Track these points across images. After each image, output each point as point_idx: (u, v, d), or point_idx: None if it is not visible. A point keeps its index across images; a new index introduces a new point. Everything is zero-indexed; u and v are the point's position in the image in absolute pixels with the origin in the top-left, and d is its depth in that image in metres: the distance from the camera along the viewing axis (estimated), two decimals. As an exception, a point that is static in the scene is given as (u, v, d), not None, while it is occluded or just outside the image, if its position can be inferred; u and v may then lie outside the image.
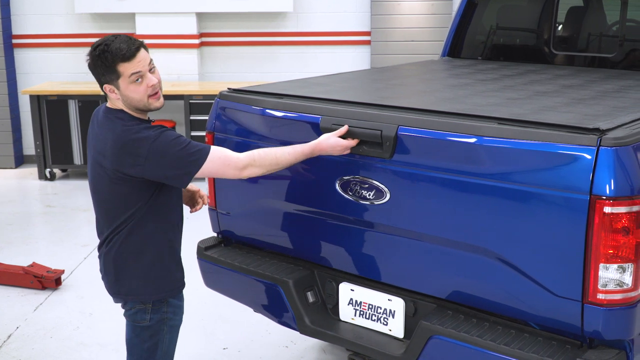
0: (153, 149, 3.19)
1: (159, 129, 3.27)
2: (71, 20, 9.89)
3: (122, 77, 3.23)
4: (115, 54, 3.19)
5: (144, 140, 3.19)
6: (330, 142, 3.44)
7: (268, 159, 3.36)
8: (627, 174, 2.89)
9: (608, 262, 2.95)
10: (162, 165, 3.21)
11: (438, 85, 4.42)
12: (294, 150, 3.43)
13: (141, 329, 3.47)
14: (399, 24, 9.65)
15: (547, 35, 5.57)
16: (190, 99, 8.91)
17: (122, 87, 3.25)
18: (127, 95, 3.27)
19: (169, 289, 3.48)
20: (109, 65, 3.21)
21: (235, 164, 3.30)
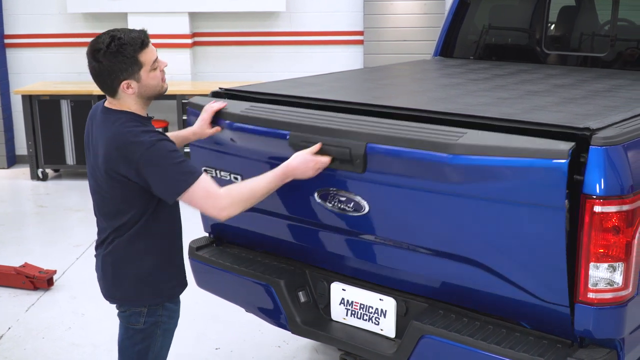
0: (146, 156, 3.11)
1: (156, 136, 3.17)
2: (63, 20, 9.87)
3: (144, 66, 3.19)
4: (134, 44, 3.14)
5: (139, 145, 3.11)
6: (300, 163, 3.29)
7: (245, 196, 3.20)
8: (617, 173, 2.89)
9: (598, 261, 2.95)
10: (151, 173, 3.12)
11: (429, 85, 4.42)
12: (267, 180, 3.27)
13: (134, 332, 3.43)
14: (392, 23, 9.65)
15: (539, 35, 5.58)
16: (183, 98, 8.90)
17: (143, 77, 3.20)
18: (148, 84, 3.23)
19: (166, 295, 3.44)
20: (131, 57, 3.14)
21: (215, 203, 3.15)
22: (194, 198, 3.13)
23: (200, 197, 3.13)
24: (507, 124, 3.18)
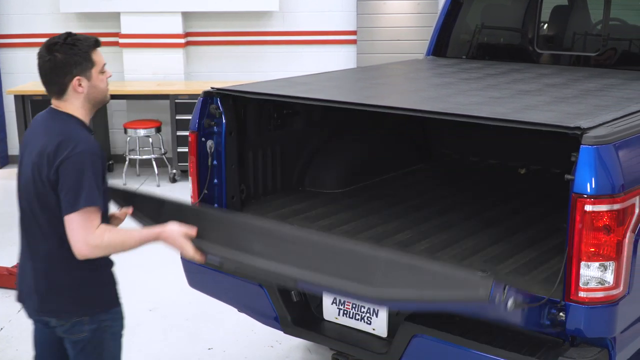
0: (72, 156, 3.05)
1: (94, 146, 3.14)
2: (56, 20, 9.83)
3: (96, 66, 3.18)
4: (88, 41, 3.18)
5: (75, 146, 3.06)
6: (171, 240, 3.21)
7: (113, 245, 3.12)
8: (608, 172, 2.90)
9: (589, 260, 2.95)
10: (65, 178, 3.05)
11: (422, 84, 4.43)
12: (144, 233, 3.21)
13: (83, 344, 3.29)
14: (385, 23, 9.65)
15: (531, 35, 5.59)
16: (176, 98, 8.88)
17: (93, 76, 3.18)
18: (96, 86, 3.20)
19: (105, 301, 3.31)
20: (85, 52, 3.15)
21: (88, 238, 3.06)
22: (74, 221, 3.05)
23: (78, 223, 3.05)
24: (499, 124, 3.19)
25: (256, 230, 3.26)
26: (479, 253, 3.73)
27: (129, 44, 9.56)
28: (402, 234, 4.00)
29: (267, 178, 4.56)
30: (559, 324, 3.05)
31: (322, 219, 4.23)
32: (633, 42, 5.31)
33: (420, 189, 4.92)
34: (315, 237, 3.14)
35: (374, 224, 4.15)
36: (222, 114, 4.12)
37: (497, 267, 3.54)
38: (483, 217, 4.29)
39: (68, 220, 3.07)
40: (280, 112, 4.55)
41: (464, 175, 5.38)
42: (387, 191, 4.85)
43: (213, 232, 3.28)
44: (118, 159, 9.82)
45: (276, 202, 4.47)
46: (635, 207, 2.99)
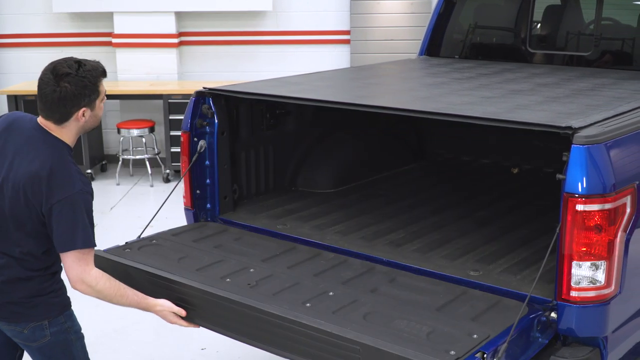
0: (70, 200, 3.06)
1: (86, 187, 3.13)
2: (49, 20, 9.81)
3: (100, 95, 3.19)
4: (96, 71, 3.15)
5: (70, 185, 3.06)
6: (162, 315, 3.36)
7: (107, 292, 3.19)
8: (599, 172, 2.90)
9: (581, 259, 2.96)
10: (60, 217, 3.06)
11: (414, 84, 4.43)
12: (137, 299, 3.30)
13: (48, 348, 3.28)
14: (378, 23, 9.65)
15: (524, 34, 5.59)
16: (169, 98, 8.87)
17: (96, 106, 3.19)
18: (97, 115, 3.22)
19: (61, 304, 3.30)
20: (94, 84, 3.14)
21: (84, 276, 3.12)
22: (74, 258, 3.10)
23: (77, 261, 3.10)
24: (490, 123, 3.19)
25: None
26: (471, 252, 3.73)
27: (122, 43, 9.54)
28: (395, 234, 4.00)
29: (260, 178, 4.56)
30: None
31: (315, 219, 4.23)
32: (625, 42, 5.32)
33: (413, 189, 4.92)
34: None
35: (366, 224, 4.15)
36: (215, 114, 4.11)
37: (489, 266, 3.54)
38: (475, 217, 4.30)
39: (64, 257, 3.12)
40: (272, 112, 4.54)
41: (456, 174, 5.38)
42: (379, 191, 4.85)
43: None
44: (111, 159, 9.80)
45: (269, 202, 4.47)
46: (626, 207, 2.99)
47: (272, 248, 3.78)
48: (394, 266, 3.58)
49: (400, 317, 2.99)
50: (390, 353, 2.69)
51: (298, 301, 3.16)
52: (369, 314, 3.03)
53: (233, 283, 3.36)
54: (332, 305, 3.12)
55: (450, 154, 5.77)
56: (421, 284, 3.35)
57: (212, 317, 3.30)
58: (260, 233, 4.04)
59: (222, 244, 3.83)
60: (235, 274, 3.45)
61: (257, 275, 3.44)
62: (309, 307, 3.11)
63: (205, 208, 4.24)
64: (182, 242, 3.85)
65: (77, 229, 3.08)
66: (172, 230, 4.04)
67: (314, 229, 4.08)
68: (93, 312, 4.16)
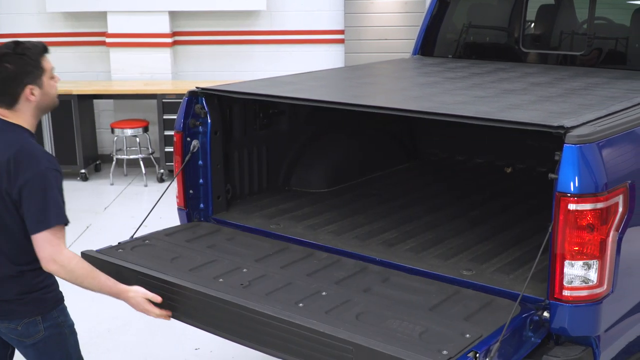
0: (37, 178, 3.08)
1: (54, 163, 3.16)
2: (43, 20, 9.80)
3: (46, 72, 3.21)
4: (36, 47, 3.17)
5: (35, 164, 3.09)
6: (135, 302, 3.32)
7: (80, 273, 3.17)
8: (592, 171, 2.90)
9: (573, 259, 2.96)
10: (30, 197, 3.08)
11: (407, 84, 4.43)
12: (109, 283, 3.27)
13: (43, 343, 3.30)
14: (373, 22, 9.65)
15: (517, 34, 5.59)
16: (163, 98, 8.87)
17: (45, 83, 3.20)
18: (48, 92, 3.22)
19: (53, 300, 3.34)
20: (36, 60, 3.16)
21: (56, 255, 3.10)
22: (46, 238, 3.09)
23: (48, 239, 3.09)
24: (483, 123, 3.19)
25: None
26: (465, 252, 3.73)
27: (116, 43, 9.53)
28: (388, 233, 4.00)
29: (253, 178, 4.56)
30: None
31: (308, 219, 4.23)
32: (618, 41, 5.32)
33: (407, 188, 4.92)
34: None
35: (360, 224, 4.15)
36: (208, 114, 4.11)
37: (482, 265, 3.54)
38: (469, 216, 4.30)
39: (36, 238, 3.11)
40: (266, 112, 4.54)
41: (450, 174, 5.39)
42: (373, 190, 4.85)
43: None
44: (105, 159, 9.79)
45: (262, 202, 4.46)
46: (618, 206, 3.00)
47: (265, 248, 3.78)
48: (387, 266, 3.58)
49: (393, 317, 2.99)
50: (382, 353, 2.69)
51: (291, 301, 3.15)
52: (361, 314, 3.03)
53: (226, 283, 3.35)
54: (325, 305, 3.12)
55: (444, 153, 5.77)
56: (414, 284, 3.35)
57: (205, 317, 3.30)
58: (253, 233, 4.04)
59: (215, 244, 3.83)
60: (228, 274, 3.45)
61: (250, 275, 3.43)
62: (301, 307, 3.10)
63: (199, 208, 4.23)
64: (175, 242, 3.84)
65: (48, 207, 3.08)
66: (165, 230, 4.03)
67: (307, 228, 4.08)
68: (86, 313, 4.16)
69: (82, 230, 7.30)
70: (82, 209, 8.00)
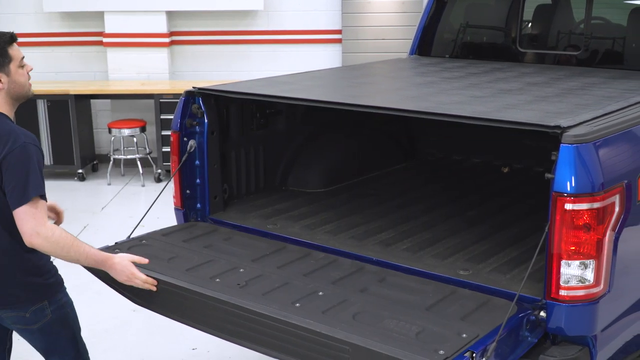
0: (16, 152, 3.13)
1: (31, 138, 3.21)
2: (40, 20, 9.78)
3: (13, 60, 3.26)
4: (3, 37, 3.25)
5: (13, 140, 3.15)
6: (119, 268, 3.32)
7: (62, 245, 3.17)
8: (588, 171, 2.90)
9: (570, 258, 2.96)
10: (9, 171, 3.12)
11: (403, 84, 4.44)
12: (93, 251, 3.30)
13: (49, 326, 3.39)
14: (370, 22, 9.65)
15: (514, 34, 5.60)
16: (161, 98, 8.85)
17: (12, 71, 3.25)
18: (17, 80, 3.27)
19: (58, 282, 3.44)
20: (2, 48, 3.23)
21: (39, 228, 3.10)
22: (24, 211, 3.09)
23: (29, 213, 3.09)
24: (479, 122, 3.20)
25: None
26: (461, 252, 3.73)
27: (113, 43, 9.52)
28: (385, 233, 4.00)
29: (250, 177, 4.56)
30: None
31: (305, 219, 4.23)
32: (615, 41, 5.33)
33: (404, 188, 4.93)
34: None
35: (356, 223, 4.16)
36: (204, 114, 4.11)
37: (478, 265, 3.55)
38: (466, 216, 4.30)
39: (18, 212, 3.12)
40: (262, 112, 4.54)
41: (447, 173, 5.39)
42: (370, 190, 4.85)
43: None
44: (102, 158, 9.77)
45: (259, 202, 4.47)
46: (615, 206, 3.00)
47: (262, 248, 3.78)
48: (383, 266, 3.58)
49: (390, 317, 2.99)
50: (379, 353, 2.69)
51: (288, 301, 3.15)
52: (358, 314, 3.03)
53: (223, 283, 3.36)
54: (321, 305, 3.12)
55: (442, 153, 5.77)
56: (411, 284, 3.36)
57: (202, 317, 3.30)
58: (250, 233, 4.04)
59: (212, 244, 3.83)
60: (225, 274, 3.45)
61: (247, 275, 3.44)
62: (298, 307, 3.11)
63: (196, 208, 4.23)
64: (172, 242, 3.84)
65: (28, 180, 3.11)
66: (162, 230, 4.04)
67: (304, 228, 4.08)
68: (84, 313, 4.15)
69: (80, 230, 7.29)
70: (80, 209, 7.99)
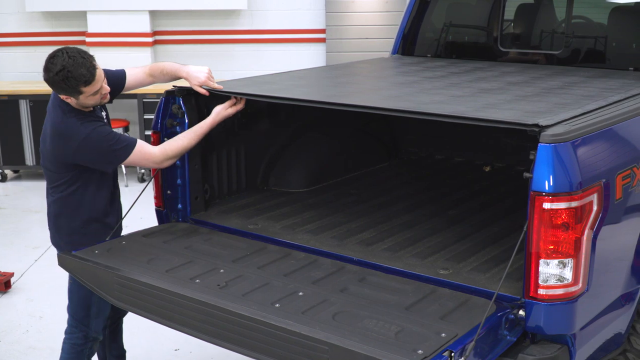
0: (82, 145, 3.66)
1: (92, 126, 3.69)
2: (22, 19, 9.74)
3: (85, 94, 3.64)
4: (78, 79, 3.56)
5: (75, 136, 3.67)
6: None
7: (179, 149, 3.88)
8: (566, 170, 2.91)
9: (548, 257, 2.97)
10: (90, 157, 3.72)
11: (385, 83, 4.43)
12: (195, 132, 3.94)
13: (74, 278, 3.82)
14: (354, 21, 9.66)
15: (496, 33, 5.61)
16: (144, 97, 8.83)
17: (81, 99, 3.66)
18: (84, 103, 3.69)
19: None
20: (73, 88, 3.58)
21: (153, 159, 3.83)
22: (135, 161, 3.80)
23: (139, 159, 3.80)
24: (458, 121, 3.20)
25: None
26: (442, 251, 3.74)
27: (96, 43, 9.48)
28: (366, 233, 4.00)
29: (232, 178, 4.54)
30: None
31: (286, 219, 4.22)
32: (596, 40, 5.35)
33: (386, 187, 4.93)
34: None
35: (338, 223, 4.15)
36: (185, 114, 4.10)
37: (458, 265, 3.55)
38: (447, 215, 4.31)
39: (130, 163, 3.87)
40: (244, 112, 4.50)
41: (430, 172, 5.40)
42: (352, 189, 4.85)
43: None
44: (86, 159, 9.72)
45: (241, 202, 4.46)
46: (593, 204, 3.01)
47: (242, 248, 3.77)
48: (364, 265, 3.58)
49: (369, 317, 2.99)
50: (358, 353, 2.69)
51: (267, 302, 3.15)
52: (338, 314, 3.03)
53: (202, 284, 3.34)
54: (301, 305, 3.11)
55: (424, 152, 5.78)
56: (391, 283, 3.35)
57: (182, 318, 3.29)
58: (231, 233, 4.03)
59: (192, 245, 3.82)
60: (205, 275, 3.44)
61: (227, 276, 3.43)
62: (278, 307, 3.10)
63: (177, 208, 4.22)
64: (152, 243, 3.83)
65: (110, 154, 3.76)
66: (142, 231, 4.02)
67: (285, 228, 4.08)
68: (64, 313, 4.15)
69: (62, 231, 7.25)
70: (62, 210, 7.94)
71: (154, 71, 4.14)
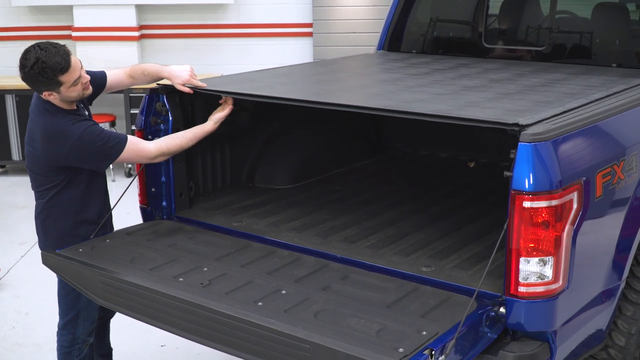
0: (75, 145, 3.62)
1: (84, 125, 3.66)
2: (8, 14, 9.69)
3: (65, 84, 3.59)
4: (55, 68, 3.52)
5: (68, 136, 3.63)
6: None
7: (175, 147, 3.87)
8: (546, 169, 2.94)
9: (529, 255, 2.99)
10: (83, 157, 3.69)
11: (368, 81, 4.44)
12: (194, 134, 3.94)
13: (64, 281, 3.79)
14: (341, 15, 9.66)
15: (481, 28, 5.62)
16: (130, 92, 8.81)
17: (62, 91, 3.62)
18: (67, 96, 3.65)
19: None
20: (51, 78, 3.54)
21: (147, 155, 3.80)
22: (128, 158, 3.79)
23: (133, 156, 3.79)
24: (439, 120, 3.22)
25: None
26: (425, 248, 3.76)
27: (82, 37, 9.45)
28: (350, 230, 4.02)
29: (217, 175, 4.55)
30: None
31: (271, 216, 4.23)
32: (580, 36, 5.36)
33: (371, 184, 4.94)
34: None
35: (322, 220, 4.17)
36: (169, 112, 4.10)
37: (441, 262, 3.57)
38: (431, 212, 4.33)
39: (123, 160, 3.87)
40: (228, 109, 4.53)
41: (414, 169, 5.41)
42: (337, 186, 4.86)
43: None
44: (73, 153, 9.70)
45: (225, 199, 4.46)
46: (573, 203, 3.04)
47: (226, 246, 3.78)
48: (347, 263, 3.59)
49: (351, 315, 3.01)
50: (339, 352, 2.71)
51: (250, 300, 3.16)
52: (320, 312, 3.05)
53: (186, 282, 3.36)
54: (284, 303, 3.13)
55: (409, 148, 5.80)
56: (373, 281, 3.37)
57: (165, 317, 3.30)
58: (216, 231, 4.04)
59: (176, 243, 3.82)
60: (188, 273, 3.44)
61: (211, 274, 3.43)
62: (260, 306, 3.11)
63: (161, 206, 4.22)
64: (136, 242, 3.84)
65: (103, 152, 3.71)
66: (126, 229, 4.02)
67: (269, 226, 4.09)
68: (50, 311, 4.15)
69: (48, 226, 7.24)
70: (49, 205, 7.93)
71: (134, 72, 4.18)
